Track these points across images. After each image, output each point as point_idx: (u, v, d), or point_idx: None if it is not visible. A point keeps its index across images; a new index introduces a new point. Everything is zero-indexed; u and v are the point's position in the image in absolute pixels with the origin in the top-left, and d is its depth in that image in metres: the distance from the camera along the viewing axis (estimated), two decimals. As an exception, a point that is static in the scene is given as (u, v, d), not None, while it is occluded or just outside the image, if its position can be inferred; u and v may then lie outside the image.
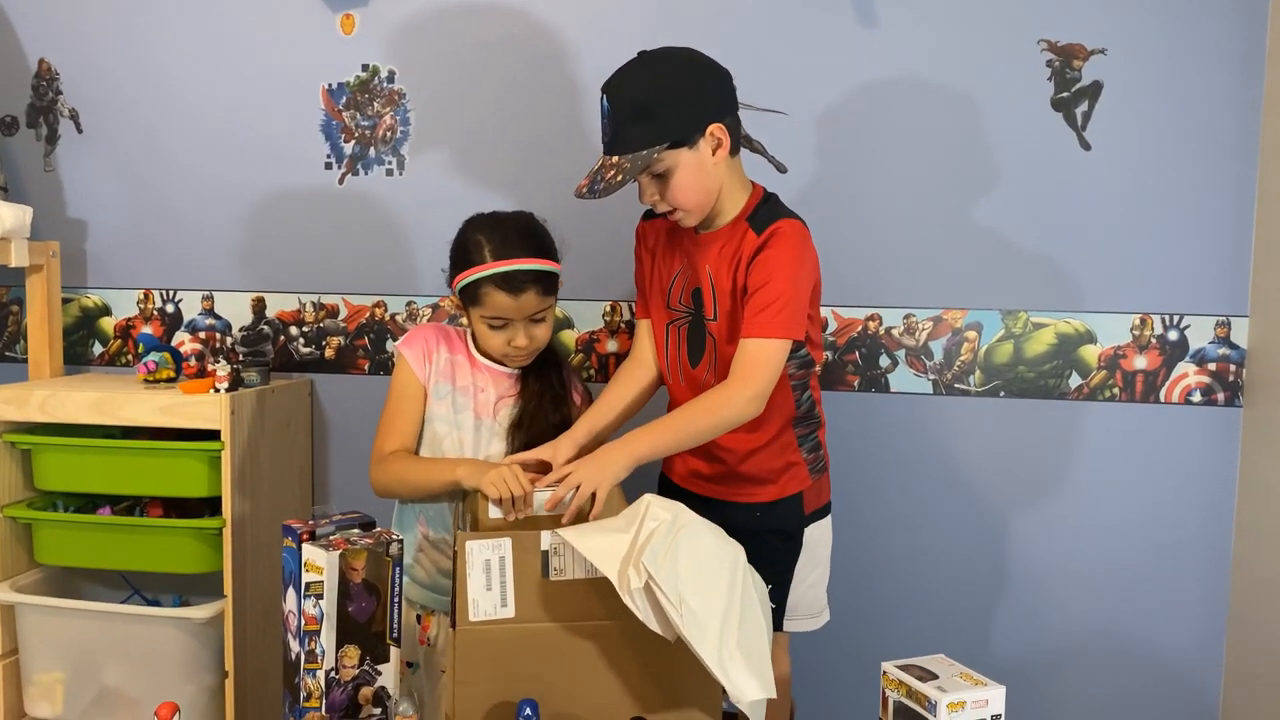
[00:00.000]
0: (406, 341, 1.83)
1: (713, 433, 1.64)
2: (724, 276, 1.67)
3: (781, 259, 1.62)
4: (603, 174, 1.59)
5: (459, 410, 1.80)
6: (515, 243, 1.72)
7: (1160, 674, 2.10)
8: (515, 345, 1.74)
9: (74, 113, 2.39)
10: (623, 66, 1.64)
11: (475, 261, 1.71)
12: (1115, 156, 2.04)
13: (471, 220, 1.79)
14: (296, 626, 1.39)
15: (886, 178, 2.11)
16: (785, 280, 1.61)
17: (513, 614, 1.33)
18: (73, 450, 2.07)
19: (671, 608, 1.24)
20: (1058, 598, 2.12)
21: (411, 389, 1.81)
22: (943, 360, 2.12)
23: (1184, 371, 2.06)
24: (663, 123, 1.58)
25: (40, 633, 2.10)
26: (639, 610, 1.25)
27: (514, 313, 1.72)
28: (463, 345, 1.84)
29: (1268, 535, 1.94)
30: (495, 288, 1.70)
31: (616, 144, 1.61)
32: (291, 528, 1.41)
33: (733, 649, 1.26)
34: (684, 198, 1.63)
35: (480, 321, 1.75)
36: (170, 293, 2.39)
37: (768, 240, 1.63)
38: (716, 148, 1.62)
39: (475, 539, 1.34)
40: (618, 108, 1.60)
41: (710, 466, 1.76)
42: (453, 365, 1.81)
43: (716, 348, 1.71)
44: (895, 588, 2.16)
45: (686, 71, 1.62)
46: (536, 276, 1.71)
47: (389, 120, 2.26)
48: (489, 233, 1.73)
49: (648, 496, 1.39)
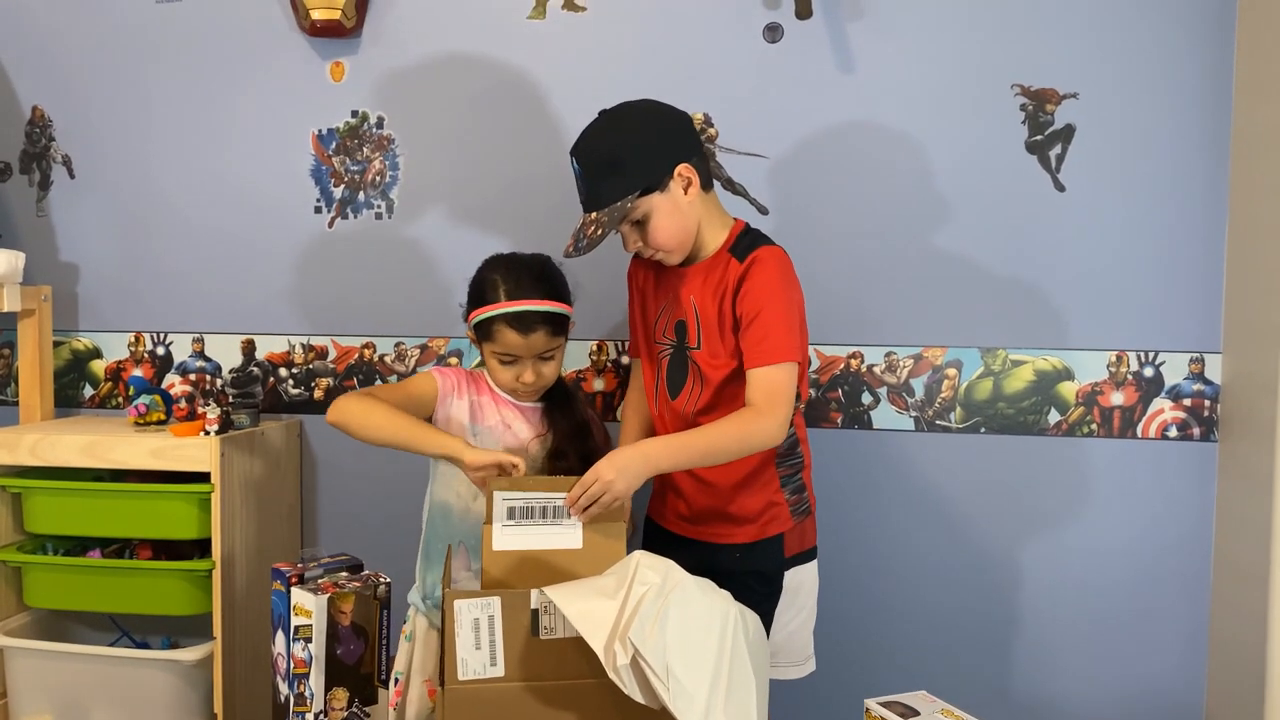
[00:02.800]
0: (442, 371, 1.88)
1: (733, 456, 1.66)
2: (709, 305, 1.72)
3: (767, 284, 1.66)
4: (584, 231, 1.66)
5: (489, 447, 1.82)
6: (528, 284, 1.77)
7: (1143, 704, 2.11)
8: (523, 381, 1.79)
9: (67, 159, 2.42)
10: (586, 128, 1.71)
11: (489, 300, 1.77)
12: (1089, 197, 2.08)
13: (490, 260, 1.84)
14: (286, 669, 1.40)
15: (866, 218, 2.15)
16: (776, 305, 1.65)
17: (502, 673, 1.33)
18: (63, 493, 2.09)
19: (658, 681, 1.24)
20: (1041, 631, 2.14)
21: (421, 391, 1.84)
22: (924, 397, 2.15)
23: (1160, 407, 2.09)
24: (631, 172, 1.65)
25: (29, 676, 2.10)
26: (625, 685, 1.25)
27: (523, 350, 1.76)
28: (487, 387, 1.88)
29: (1245, 566, 1.97)
30: (507, 326, 1.75)
31: (592, 201, 1.68)
32: (280, 571, 1.43)
33: (719, 716, 1.27)
34: (664, 238, 1.69)
35: (492, 356, 1.81)
36: (160, 335, 2.41)
37: (749, 268, 1.68)
38: (687, 186, 1.68)
39: (464, 598, 1.34)
40: (587, 167, 1.68)
41: (692, 506, 1.78)
42: (480, 408, 1.85)
43: (701, 375, 1.74)
44: (878, 624, 2.18)
45: (646, 120, 1.70)
46: (546, 317, 1.76)
47: (378, 165, 2.30)
48: (505, 273, 1.79)
49: (637, 554, 1.39)
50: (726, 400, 1.71)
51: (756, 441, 1.63)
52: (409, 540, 1.91)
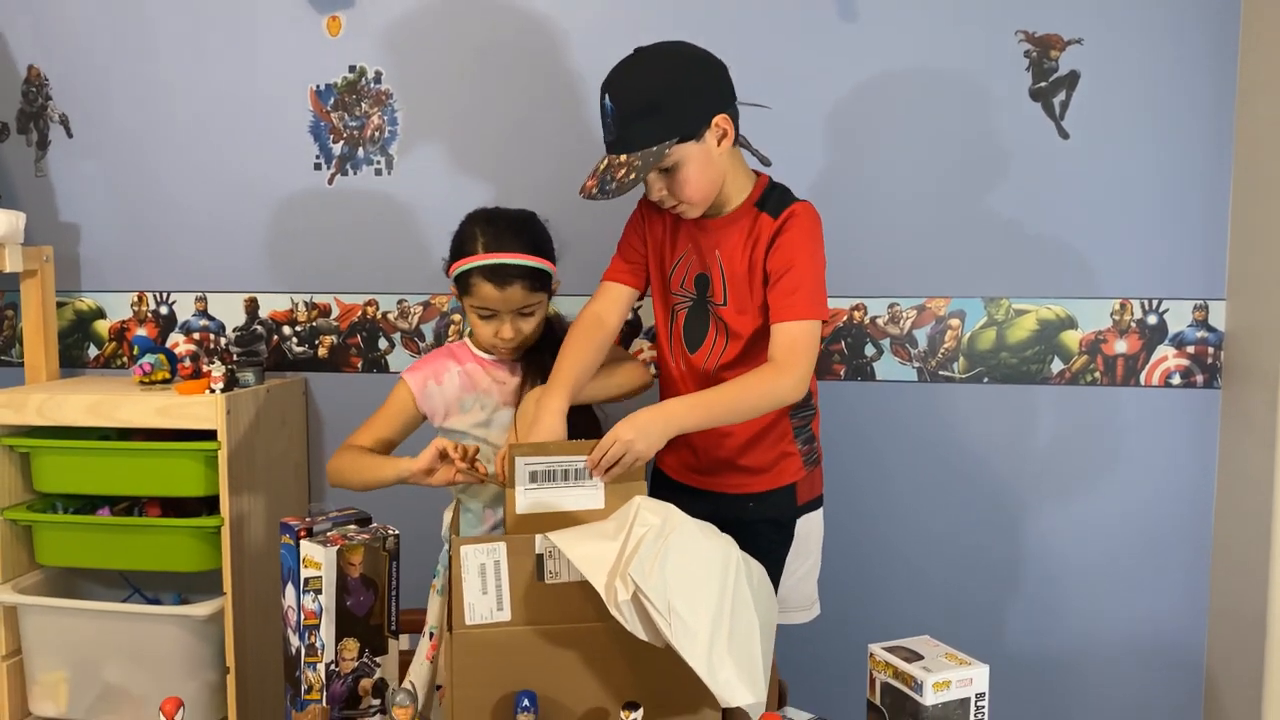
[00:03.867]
0: (411, 369, 1.86)
1: (754, 414, 1.65)
2: (738, 260, 1.69)
3: (802, 241, 1.65)
4: (612, 173, 1.59)
5: (492, 410, 1.83)
6: (508, 237, 1.75)
7: (1144, 650, 2.14)
8: (501, 337, 1.77)
9: (64, 118, 2.41)
10: (621, 64, 1.63)
11: (467, 252, 1.76)
12: (1093, 145, 2.07)
13: (473, 213, 1.83)
14: (296, 621, 1.41)
15: (867, 170, 2.14)
16: (808, 262, 1.64)
17: (509, 617, 1.34)
18: (71, 452, 2.10)
19: (660, 617, 1.25)
20: (1043, 578, 2.16)
21: (400, 405, 1.84)
22: (927, 348, 2.16)
23: (1163, 355, 2.09)
24: (670, 117, 1.59)
25: (43, 633, 2.12)
26: (627, 621, 1.26)
27: (500, 305, 1.75)
28: (469, 355, 1.87)
29: (1247, 512, 1.98)
30: (483, 279, 1.73)
31: (622, 142, 1.60)
32: (289, 525, 1.44)
33: (722, 654, 1.27)
34: (691, 190, 1.64)
35: (471, 310, 1.79)
36: (164, 295, 2.41)
37: (785, 223, 1.65)
38: (721, 138, 1.63)
39: (470, 544, 1.36)
40: (622, 105, 1.59)
41: (702, 458, 1.79)
42: (469, 375, 1.84)
43: (728, 330, 1.72)
44: (883, 573, 2.20)
45: (689, 65, 1.62)
46: (524, 272, 1.74)
47: (377, 120, 2.29)
48: (484, 225, 1.77)
49: (638, 499, 1.40)
50: (753, 355, 1.70)
51: (777, 398, 1.63)
52: (415, 497, 1.91)
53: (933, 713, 1.34)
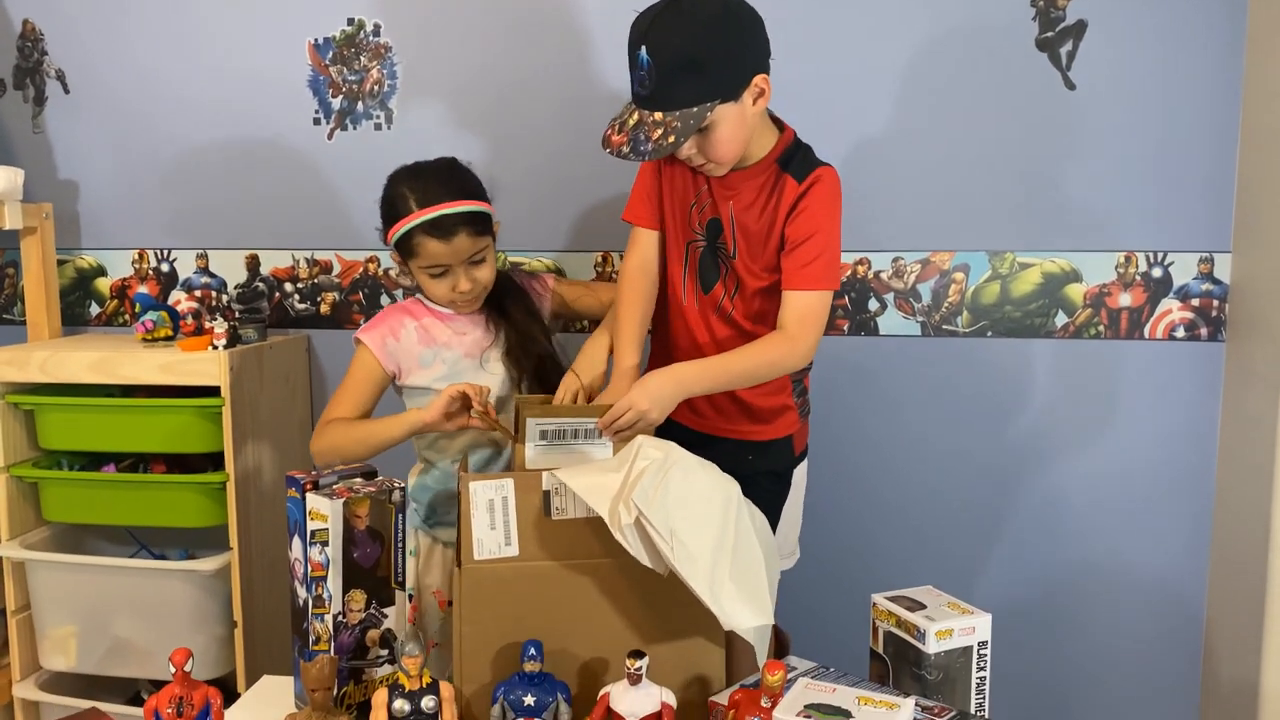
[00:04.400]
0: (365, 329, 1.84)
1: (763, 379, 1.65)
2: (752, 219, 1.64)
3: (825, 210, 1.61)
4: (646, 132, 1.50)
5: (454, 363, 1.82)
6: (438, 189, 1.72)
7: (1147, 599, 2.16)
8: (460, 291, 1.75)
9: (60, 73, 2.38)
10: (658, 14, 1.50)
11: (402, 213, 1.73)
12: (1099, 95, 2.05)
13: (394, 174, 1.79)
14: (303, 573, 1.42)
15: (871, 121, 2.11)
16: (830, 232, 1.60)
17: (516, 553, 1.36)
18: (75, 410, 2.10)
19: (662, 541, 1.26)
20: (1046, 531, 2.17)
21: (366, 370, 1.82)
22: (931, 302, 2.15)
23: (1168, 308, 2.09)
24: (714, 77, 1.50)
25: (51, 588, 2.14)
26: (630, 545, 1.28)
27: (450, 258, 1.72)
28: (424, 310, 1.84)
29: (1248, 465, 1.98)
30: (426, 235, 1.71)
31: (659, 99, 1.50)
32: (295, 478, 1.44)
33: (724, 578, 1.28)
34: (723, 151, 1.56)
35: (421, 273, 1.76)
36: (165, 252, 2.40)
37: (810, 189, 1.60)
38: (758, 98, 1.55)
39: (479, 480, 1.36)
40: (662, 61, 1.48)
41: (704, 412, 1.78)
42: (426, 330, 1.82)
43: (738, 280, 1.68)
44: (886, 526, 2.21)
45: (733, 20, 1.52)
46: (465, 218, 1.71)
47: (376, 74, 2.26)
48: (412, 182, 1.74)
49: (641, 437, 1.41)
50: (758, 309, 1.68)
51: (788, 366, 1.63)
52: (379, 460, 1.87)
53: (936, 661, 1.35)
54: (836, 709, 1.10)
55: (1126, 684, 2.18)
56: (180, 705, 1.26)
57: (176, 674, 1.26)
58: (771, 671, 1.17)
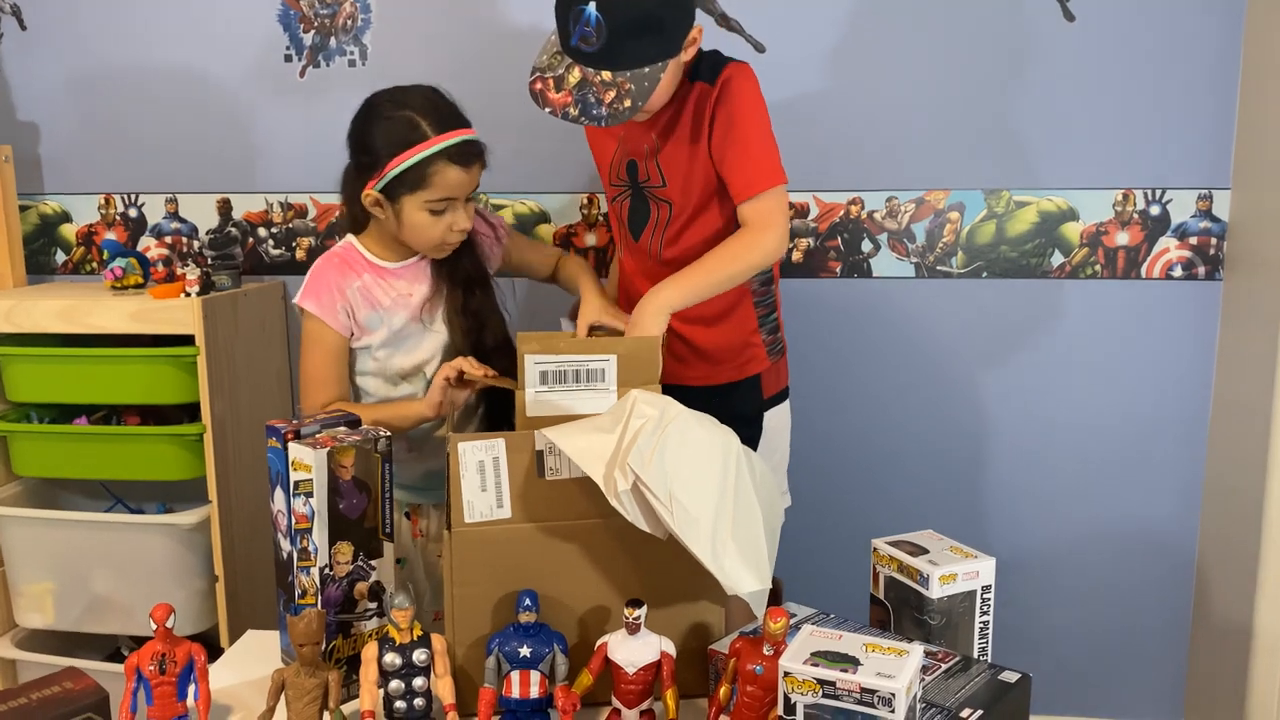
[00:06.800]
0: (306, 294, 1.67)
1: (742, 276, 1.59)
2: (677, 140, 1.59)
3: (746, 100, 1.55)
4: (597, 94, 1.46)
5: (399, 328, 1.70)
6: (449, 114, 1.61)
7: (1139, 541, 2.15)
8: (459, 229, 1.63)
9: (15, 8, 2.27)
10: None
11: (415, 140, 1.57)
12: (1099, 28, 1.99)
13: (380, 100, 1.63)
14: (287, 526, 1.37)
15: (863, 57, 2.05)
16: (756, 123, 1.55)
17: (509, 515, 1.31)
18: (43, 360, 2.03)
19: (661, 505, 1.22)
20: (1041, 473, 2.16)
21: (324, 345, 1.67)
22: (925, 243, 2.10)
23: (1165, 246, 2.05)
24: (669, 35, 1.47)
25: (25, 544, 2.09)
26: (627, 512, 1.24)
27: (464, 189, 1.61)
28: (364, 263, 1.69)
29: (1243, 406, 1.97)
30: (449, 163, 1.58)
31: (607, 58, 1.45)
32: (275, 428, 1.38)
33: (725, 540, 1.25)
34: (657, 102, 1.54)
35: (420, 210, 1.61)
36: (132, 196, 2.31)
37: (724, 85, 1.55)
38: (689, 46, 1.53)
39: (468, 440, 1.31)
40: (616, 18, 1.43)
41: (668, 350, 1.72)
42: (368, 290, 1.68)
43: (670, 208, 1.63)
44: (880, 470, 2.19)
45: None
46: (482, 148, 1.63)
47: (349, 7, 2.17)
48: (419, 107, 1.59)
49: (634, 392, 1.36)
50: (695, 229, 1.63)
51: (759, 257, 1.57)
52: None
53: (939, 606, 1.33)
54: (844, 655, 1.07)
55: (1119, 626, 2.18)
56: (163, 662, 1.21)
57: (158, 630, 1.22)
58: (774, 619, 1.14)
